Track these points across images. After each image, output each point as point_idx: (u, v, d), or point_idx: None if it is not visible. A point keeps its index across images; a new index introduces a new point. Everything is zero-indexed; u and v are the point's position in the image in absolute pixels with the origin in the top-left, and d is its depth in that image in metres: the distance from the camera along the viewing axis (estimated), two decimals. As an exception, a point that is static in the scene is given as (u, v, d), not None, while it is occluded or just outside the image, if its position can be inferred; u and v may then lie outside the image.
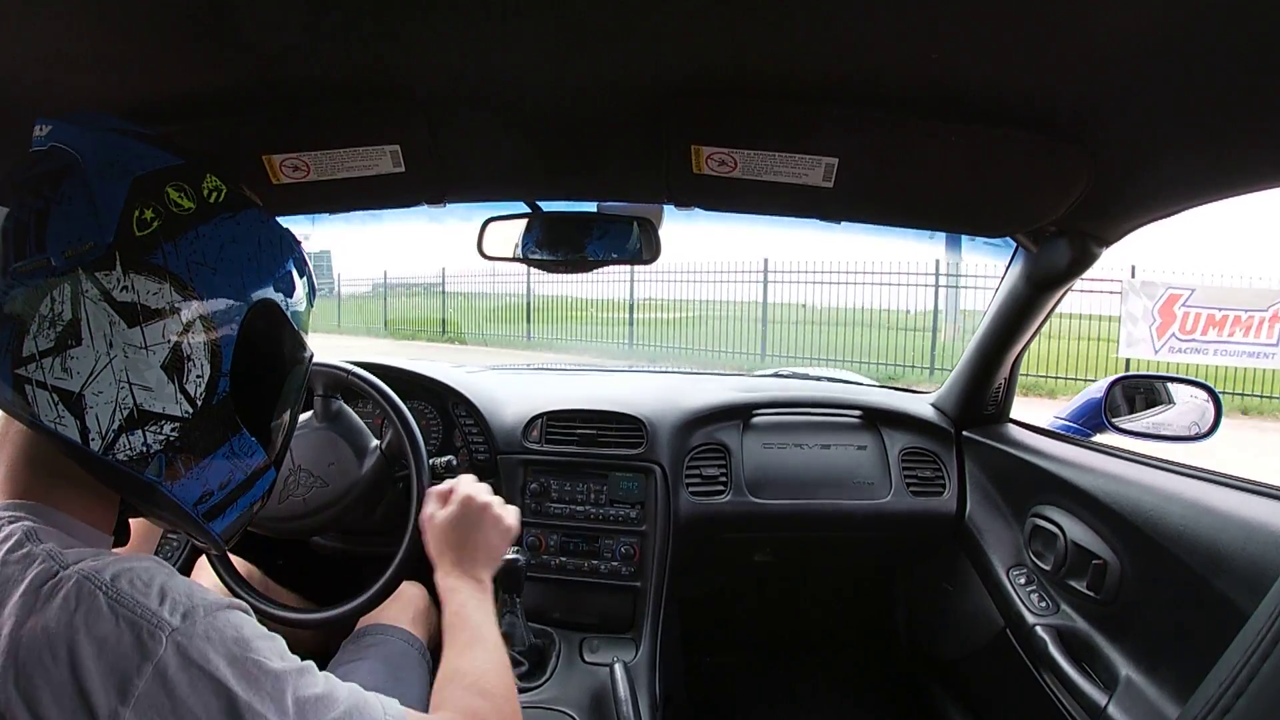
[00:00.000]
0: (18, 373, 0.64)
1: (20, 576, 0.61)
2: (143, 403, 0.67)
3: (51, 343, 0.64)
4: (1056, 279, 1.36)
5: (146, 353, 0.67)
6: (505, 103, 1.01)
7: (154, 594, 0.62)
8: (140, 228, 0.67)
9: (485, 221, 1.40)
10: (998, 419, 1.80)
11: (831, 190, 1.05)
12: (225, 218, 0.73)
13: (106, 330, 0.65)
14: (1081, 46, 0.76)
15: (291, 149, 1.05)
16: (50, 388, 0.64)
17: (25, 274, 0.64)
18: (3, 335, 0.64)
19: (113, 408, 0.66)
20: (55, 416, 0.64)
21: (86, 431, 0.65)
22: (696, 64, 0.88)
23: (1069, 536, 1.41)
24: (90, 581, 0.60)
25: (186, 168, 0.72)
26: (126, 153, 0.69)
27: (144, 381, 0.67)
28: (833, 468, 1.82)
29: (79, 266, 0.64)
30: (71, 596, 0.59)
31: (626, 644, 1.56)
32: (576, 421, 1.77)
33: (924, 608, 2.06)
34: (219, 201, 0.73)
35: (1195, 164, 0.98)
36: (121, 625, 0.59)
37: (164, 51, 0.85)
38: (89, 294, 0.64)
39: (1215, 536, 1.09)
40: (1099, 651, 1.32)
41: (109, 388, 0.65)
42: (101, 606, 0.60)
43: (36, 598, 0.59)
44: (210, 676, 0.60)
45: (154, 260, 0.67)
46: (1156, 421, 1.65)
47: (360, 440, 1.51)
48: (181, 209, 0.70)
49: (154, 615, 0.60)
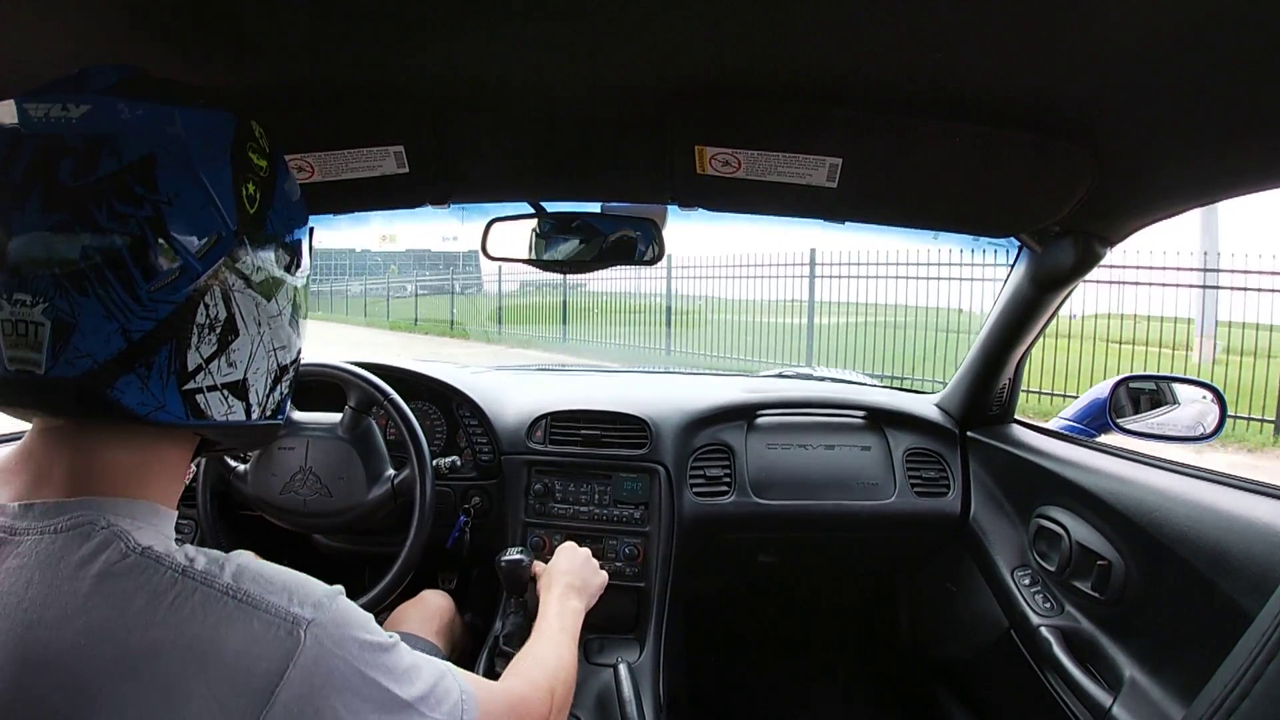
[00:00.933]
0: (186, 389, 0.62)
1: (134, 587, 0.57)
2: (282, 360, 0.71)
3: (214, 346, 0.63)
4: (1061, 279, 1.36)
5: (281, 317, 0.70)
6: (509, 104, 1.02)
7: (278, 589, 0.61)
8: (250, 204, 0.65)
9: (490, 222, 1.41)
10: (1002, 419, 1.80)
11: (835, 191, 1.05)
12: (280, 162, 0.72)
13: (255, 313, 0.67)
14: (1085, 47, 0.76)
15: (296, 150, 1.06)
16: (220, 387, 0.65)
17: (167, 288, 0.60)
18: (158, 359, 0.60)
19: (266, 376, 0.69)
20: (226, 410, 0.65)
21: (249, 408, 0.67)
22: (701, 65, 0.88)
23: (1074, 537, 1.41)
24: (213, 587, 0.59)
25: (243, 124, 0.67)
26: (205, 125, 0.63)
27: (281, 342, 0.71)
28: (837, 468, 1.82)
29: (219, 264, 0.63)
30: (199, 605, 0.57)
31: (631, 644, 1.57)
32: (580, 422, 1.77)
33: (928, 609, 2.05)
34: (270, 148, 0.71)
35: (1199, 164, 0.98)
36: (257, 626, 0.58)
37: (169, 52, 0.85)
38: (235, 287, 0.64)
39: (1220, 537, 1.09)
40: (1103, 652, 1.32)
41: (263, 361, 0.68)
42: (232, 611, 0.58)
43: (157, 608, 0.56)
44: (347, 663, 0.61)
45: (268, 231, 0.68)
46: (1161, 422, 1.64)
47: (377, 466, 1.53)
48: (263, 170, 0.68)
49: (288, 613, 0.60)
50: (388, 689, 0.63)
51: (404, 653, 0.68)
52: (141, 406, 0.60)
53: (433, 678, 0.69)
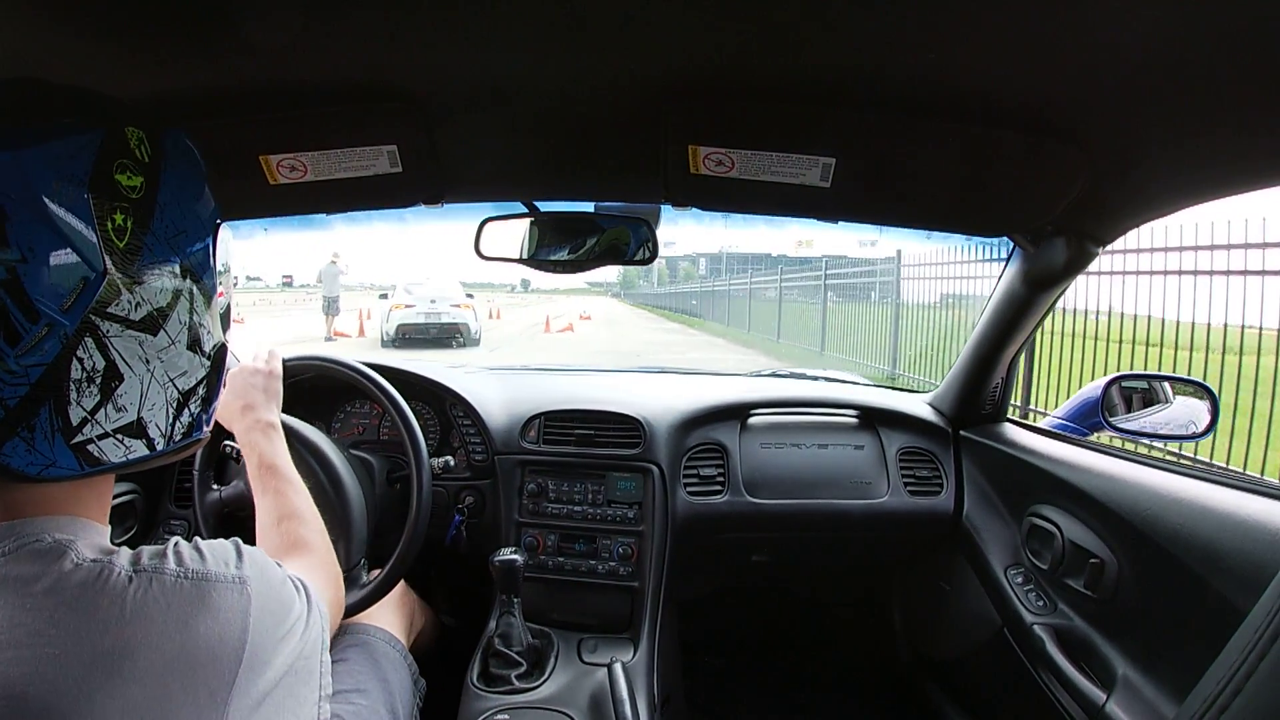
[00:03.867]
0: (74, 442, 0.59)
1: (94, 592, 0.57)
2: (183, 386, 0.67)
3: (97, 397, 0.60)
4: (1054, 278, 1.37)
5: (175, 347, 0.66)
6: (502, 103, 1.02)
7: (215, 558, 0.64)
8: (120, 237, 0.59)
9: (483, 222, 1.40)
10: (995, 418, 1.80)
11: (829, 190, 1.05)
12: (165, 168, 0.65)
13: (140, 352, 0.62)
14: (1077, 48, 0.76)
15: (289, 149, 1.05)
16: (112, 433, 0.61)
17: (34, 351, 0.56)
18: (39, 420, 0.57)
19: (165, 408, 0.66)
20: (124, 451, 0.63)
21: (152, 441, 0.65)
22: (694, 65, 0.88)
23: (1066, 535, 1.41)
24: (166, 574, 0.61)
25: (110, 138, 0.60)
26: (58, 158, 0.57)
27: (179, 369, 0.67)
28: (830, 467, 1.82)
29: (88, 313, 0.58)
30: (158, 595, 0.59)
31: (625, 644, 1.56)
32: (574, 422, 1.77)
33: (921, 607, 2.06)
34: (152, 155, 0.63)
35: (1191, 164, 0.99)
36: (216, 597, 0.62)
37: (160, 52, 0.85)
38: (110, 332, 0.59)
39: (1212, 535, 1.09)
40: (1097, 650, 1.32)
41: (158, 395, 0.65)
42: (190, 591, 0.61)
43: (123, 608, 0.57)
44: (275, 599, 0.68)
45: (145, 261, 0.62)
46: (1153, 420, 1.65)
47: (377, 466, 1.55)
48: (136, 191, 0.61)
49: (233, 575, 0.64)
50: (290, 607, 0.70)
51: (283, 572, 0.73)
52: (31, 467, 0.58)
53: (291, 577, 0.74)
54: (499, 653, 1.41)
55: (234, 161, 1.07)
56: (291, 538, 1.03)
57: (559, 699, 1.36)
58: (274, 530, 1.05)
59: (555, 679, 1.41)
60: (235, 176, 1.11)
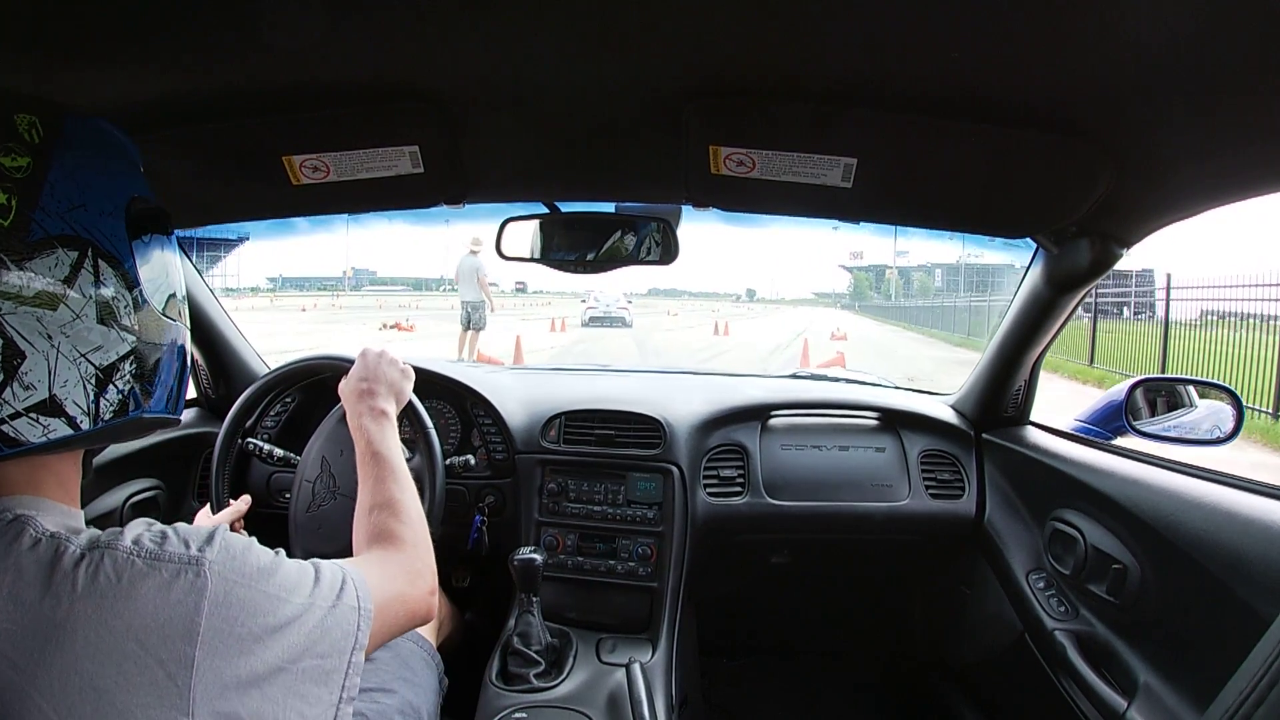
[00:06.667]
0: None
1: (48, 566, 0.60)
2: (100, 361, 0.66)
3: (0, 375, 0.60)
4: (1077, 280, 1.35)
5: (80, 320, 0.65)
6: (524, 104, 1.02)
7: (175, 539, 0.65)
8: (4, 215, 0.60)
9: (504, 222, 1.41)
10: (1018, 421, 1.79)
11: (850, 191, 1.05)
12: (59, 147, 0.66)
13: (39, 328, 0.62)
14: (1102, 48, 0.75)
15: (312, 150, 1.07)
16: (24, 412, 0.61)
17: None
18: None
19: (81, 385, 0.65)
20: (43, 431, 0.63)
21: (74, 420, 0.64)
22: (715, 66, 0.88)
23: (1089, 541, 1.40)
24: (118, 550, 0.62)
25: None
26: None
27: (92, 344, 0.66)
28: (851, 469, 1.82)
29: None
30: (109, 570, 0.61)
31: (643, 644, 1.57)
32: (594, 422, 1.78)
33: (941, 611, 2.04)
34: (44, 136, 0.65)
35: (1216, 165, 0.97)
36: (166, 575, 0.62)
37: (184, 52, 0.86)
38: (4, 310, 0.60)
39: (1237, 542, 1.08)
40: (1118, 657, 1.31)
41: (70, 371, 0.64)
42: (140, 567, 0.61)
43: (75, 582, 0.59)
44: (248, 588, 0.66)
45: (34, 237, 0.62)
46: (1177, 424, 1.63)
47: None
48: (22, 170, 0.62)
49: (189, 556, 0.64)
50: (287, 599, 0.69)
51: (289, 564, 0.72)
52: None
53: (312, 570, 0.74)
54: (518, 651, 1.42)
55: (257, 162, 1.09)
56: (379, 528, 1.01)
57: (577, 698, 1.36)
58: (365, 518, 1.04)
59: (573, 678, 1.42)
60: (259, 178, 1.13)
